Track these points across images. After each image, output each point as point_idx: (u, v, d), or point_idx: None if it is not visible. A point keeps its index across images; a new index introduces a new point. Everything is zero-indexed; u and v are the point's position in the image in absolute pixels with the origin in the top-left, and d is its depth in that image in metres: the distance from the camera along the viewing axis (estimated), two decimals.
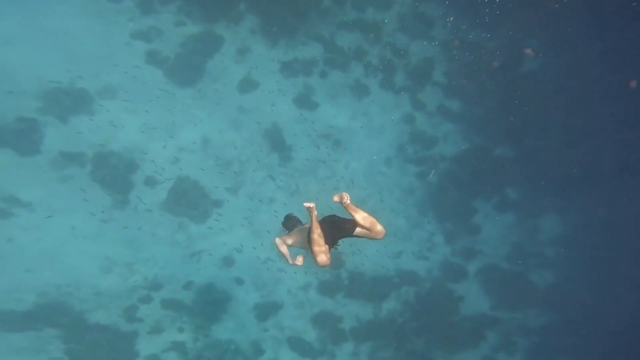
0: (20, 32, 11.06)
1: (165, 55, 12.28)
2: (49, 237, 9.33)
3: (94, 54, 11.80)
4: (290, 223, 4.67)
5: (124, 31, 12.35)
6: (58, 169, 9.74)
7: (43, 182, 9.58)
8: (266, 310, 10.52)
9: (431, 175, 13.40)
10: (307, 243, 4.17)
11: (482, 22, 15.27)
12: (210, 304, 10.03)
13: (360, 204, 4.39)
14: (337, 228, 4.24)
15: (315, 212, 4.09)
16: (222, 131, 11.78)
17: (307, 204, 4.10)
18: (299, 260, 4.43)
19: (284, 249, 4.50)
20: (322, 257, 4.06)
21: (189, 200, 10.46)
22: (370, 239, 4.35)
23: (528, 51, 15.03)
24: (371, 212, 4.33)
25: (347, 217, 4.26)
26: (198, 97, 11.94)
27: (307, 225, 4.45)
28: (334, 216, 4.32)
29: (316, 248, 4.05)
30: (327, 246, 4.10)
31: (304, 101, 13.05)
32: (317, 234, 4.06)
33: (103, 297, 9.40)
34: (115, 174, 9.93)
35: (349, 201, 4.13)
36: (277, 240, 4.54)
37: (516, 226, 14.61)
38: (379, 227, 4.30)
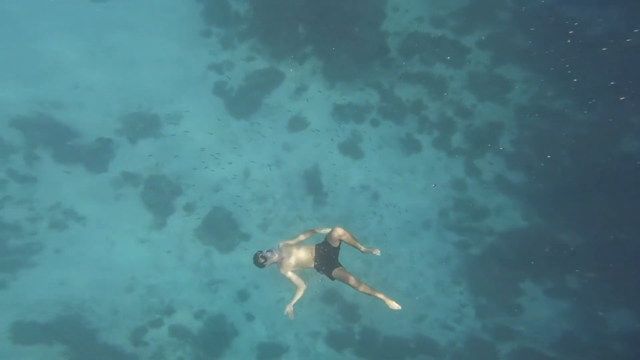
0: (122, 57, 12.84)
1: (230, 87, 13.43)
2: (90, 251, 10.75)
3: (174, 81, 13.36)
4: (261, 261, 4.87)
5: (203, 62, 13.75)
6: (116, 187, 11.23)
7: (100, 199, 11.08)
8: (270, 352, 10.92)
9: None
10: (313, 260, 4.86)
11: (572, 92, 13.84)
12: (216, 336, 10.68)
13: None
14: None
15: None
16: (264, 166, 12.46)
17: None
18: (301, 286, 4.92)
19: (294, 278, 4.94)
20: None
21: (219, 230, 11.34)
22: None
23: None
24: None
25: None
26: (249, 130, 12.85)
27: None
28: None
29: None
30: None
31: (350, 148, 13.32)
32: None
33: (118, 315, 10.54)
34: (160, 197, 11.14)
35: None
36: (285, 274, 4.94)
37: (572, 314, 13.25)
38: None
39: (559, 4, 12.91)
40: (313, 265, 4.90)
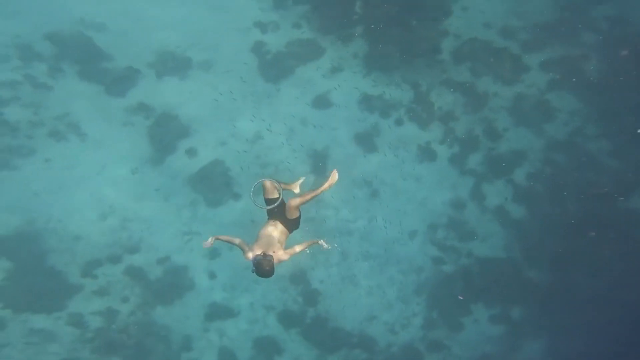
0: None
1: (267, 49, 9.28)
2: (79, 169, 6.77)
3: (217, 29, 9.01)
4: (263, 268, 2.94)
5: (250, 17, 9.22)
6: (128, 114, 6.87)
7: (108, 121, 6.89)
8: (218, 313, 7.03)
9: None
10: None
11: (613, 134, 8.65)
12: (171, 286, 6.67)
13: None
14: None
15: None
16: (276, 134, 8.79)
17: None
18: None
19: (298, 249, 3.40)
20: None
21: (212, 183, 6.88)
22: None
23: None
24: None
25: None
26: (273, 95, 7.78)
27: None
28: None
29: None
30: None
31: (365, 140, 8.15)
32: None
33: (79, 242, 6.62)
34: (166, 134, 6.62)
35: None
36: (288, 256, 3.26)
37: (498, 340, 9.58)
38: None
39: None
40: (288, 230, 3.43)
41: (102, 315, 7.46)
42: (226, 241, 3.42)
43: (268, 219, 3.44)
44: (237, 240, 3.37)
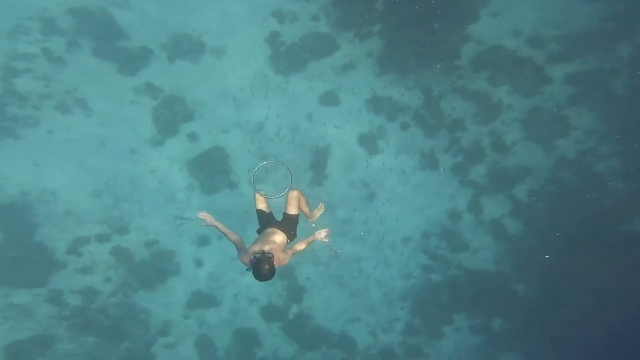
0: None
1: (282, 40, 8.75)
2: (80, 143, 6.50)
3: (234, 15, 8.51)
4: (263, 267, 2.55)
5: (269, 6, 8.68)
6: (136, 93, 6.57)
7: (115, 99, 6.57)
8: (201, 301, 6.79)
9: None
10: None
11: (626, 155, 8.00)
12: (156, 270, 6.43)
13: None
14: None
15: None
16: (280, 126, 8.43)
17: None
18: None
19: (300, 248, 3.09)
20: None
21: (210, 169, 6.55)
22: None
23: None
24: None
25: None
26: (282, 87, 7.25)
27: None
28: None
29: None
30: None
31: (368, 142, 7.71)
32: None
33: (70, 217, 6.39)
34: (170, 117, 6.32)
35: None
36: (288, 258, 2.92)
37: (476, 350, 9.33)
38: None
39: None
40: (287, 240, 3.11)
41: (82, 294, 7.13)
42: (222, 232, 2.94)
43: (264, 228, 3.10)
44: (234, 237, 2.88)
